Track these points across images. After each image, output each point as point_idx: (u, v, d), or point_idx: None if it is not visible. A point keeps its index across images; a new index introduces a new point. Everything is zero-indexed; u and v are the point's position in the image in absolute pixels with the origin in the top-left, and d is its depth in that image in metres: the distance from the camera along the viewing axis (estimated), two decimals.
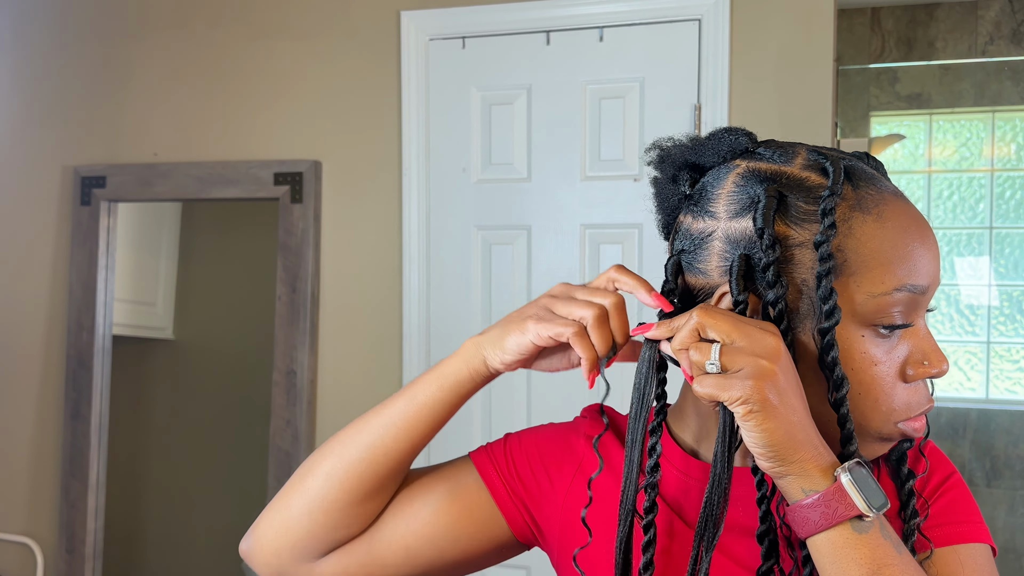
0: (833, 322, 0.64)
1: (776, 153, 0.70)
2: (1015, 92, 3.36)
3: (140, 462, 2.56)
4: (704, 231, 0.70)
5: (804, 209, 0.67)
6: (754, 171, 0.69)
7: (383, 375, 2.21)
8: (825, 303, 0.64)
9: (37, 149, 2.47)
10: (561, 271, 2.09)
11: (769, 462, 0.62)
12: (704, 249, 0.70)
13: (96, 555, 2.37)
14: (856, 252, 0.66)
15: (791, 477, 0.62)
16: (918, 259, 0.66)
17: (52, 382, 2.44)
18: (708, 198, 0.71)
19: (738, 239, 0.68)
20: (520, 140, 2.12)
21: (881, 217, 0.66)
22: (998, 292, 3.42)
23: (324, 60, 2.25)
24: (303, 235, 2.21)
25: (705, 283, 0.70)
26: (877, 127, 3.54)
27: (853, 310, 0.66)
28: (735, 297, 0.66)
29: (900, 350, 0.67)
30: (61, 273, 2.43)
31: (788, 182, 0.68)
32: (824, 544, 0.62)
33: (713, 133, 0.74)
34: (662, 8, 2.01)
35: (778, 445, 0.61)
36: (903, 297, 0.65)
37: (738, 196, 0.69)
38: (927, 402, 0.68)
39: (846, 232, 0.66)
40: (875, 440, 0.69)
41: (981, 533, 0.72)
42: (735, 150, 0.71)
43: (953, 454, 3.42)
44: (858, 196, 0.67)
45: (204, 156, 2.34)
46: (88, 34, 2.44)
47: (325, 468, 0.79)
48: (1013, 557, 3.38)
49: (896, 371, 0.67)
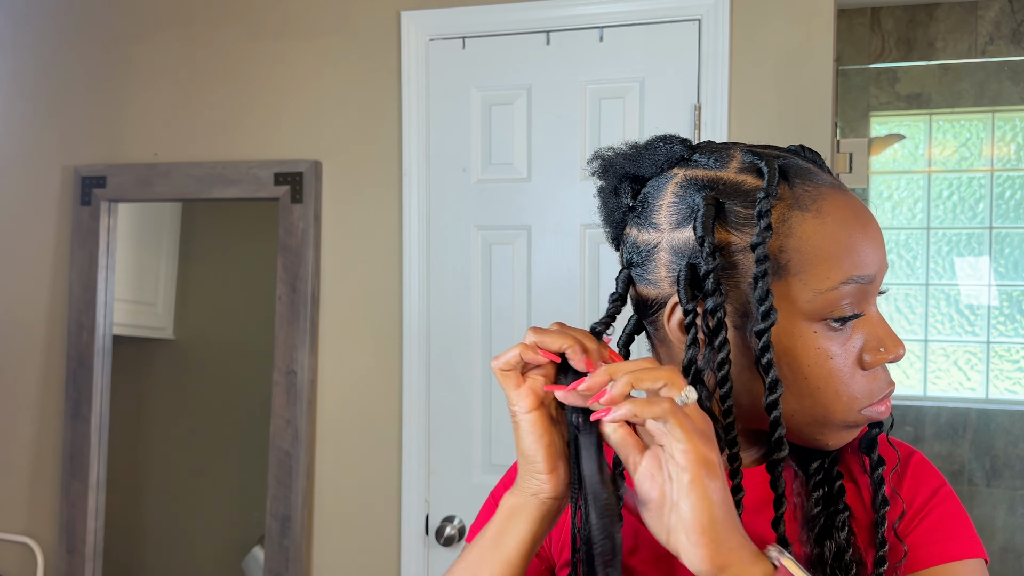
0: (769, 323, 0.64)
1: (711, 159, 0.71)
2: (1015, 92, 3.36)
3: (140, 462, 2.56)
4: (650, 243, 0.71)
5: (742, 214, 0.67)
6: (691, 179, 0.69)
7: (383, 375, 2.21)
8: (761, 304, 0.64)
9: (37, 149, 2.47)
10: (561, 271, 2.09)
11: (705, 549, 0.56)
12: (651, 261, 0.71)
13: (96, 555, 2.37)
14: (798, 251, 0.66)
15: (732, 569, 0.57)
16: (861, 250, 0.67)
17: (52, 382, 2.44)
18: (650, 210, 0.71)
19: (682, 249, 0.68)
20: (520, 140, 2.12)
21: (820, 213, 0.67)
22: (998, 292, 3.42)
23: (324, 60, 2.25)
24: (303, 235, 2.21)
25: (657, 294, 0.71)
26: (877, 127, 3.54)
27: (802, 308, 0.66)
28: (684, 307, 0.66)
29: (855, 340, 0.68)
30: (61, 273, 2.43)
31: (725, 188, 0.68)
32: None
33: (649, 142, 0.74)
34: (662, 8, 2.02)
35: (719, 520, 0.57)
36: (851, 289, 0.66)
37: (678, 206, 0.69)
38: (887, 386, 0.69)
39: (786, 232, 0.66)
40: (841, 428, 0.69)
41: (973, 548, 0.72)
42: (671, 158, 0.72)
43: (953, 454, 3.42)
44: (795, 194, 0.67)
45: (204, 156, 2.34)
46: (88, 34, 2.44)
47: None
48: (1013, 557, 3.38)
49: (853, 361, 0.67)
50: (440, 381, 2.16)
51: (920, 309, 3.47)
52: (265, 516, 2.22)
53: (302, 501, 2.18)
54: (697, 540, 0.57)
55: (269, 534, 2.21)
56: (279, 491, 2.20)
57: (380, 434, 2.20)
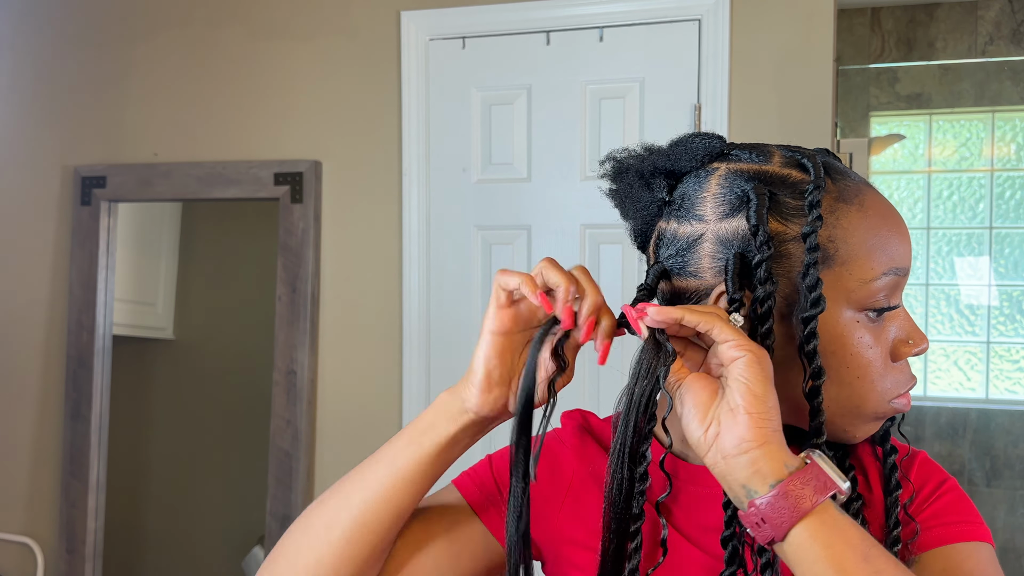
0: (818, 311, 0.65)
1: (752, 154, 0.72)
2: (1015, 92, 3.36)
3: (140, 462, 2.56)
4: (692, 234, 0.71)
5: (792, 205, 0.68)
6: (737, 172, 0.70)
7: (383, 375, 2.21)
8: (812, 292, 0.65)
9: (37, 149, 2.47)
10: None
11: (749, 429, 0.60)
12: (694, 252, 0.71)
13: (96, 555, 2.37)
14: (845, 242, 0.68)
15: (759, 463, 0.60)
16: (898, 243, 0.70)
17: (52, 382, 2.44)
18: (693, 202, 0.71)
19: (730, 239, 0.69)
20: (520, 140, 2.12)
21: (863, 207, 0.69)
22: (998, 292, 3.42)
23: (324, 60, 2.25)
24: (303, 235, 2.21)
25: (698, 285, 0.71)
26: (877, 127, 3.54)
27: (847, 298, 0.68)
28: (731, 295, 0.67)
29: (888, 333, 0.70)
30: (61, 273, 2.43)
31: (772, 179, 0.69)
32: (803, 535, 0.59)
33: (683, 139, 0.74)
34: (662, 8, 2.02)
35: (761, 411, 0.60)
36: (889, 281, 0.68)
37: (725, 197, 0.70)
38: (911, 379, 0.71)
39: (833, 223, 0.68)
40: (870, 419, 0.71)
41: (981, 532, 0.72)
42: (711, 153, 0.72)
43: (953, 454, 3.42)
44: (839, 188, 0.69)
45: (204, 156, 2.34)
46: (88, 34, 2.44)
47: (313, 553, 0.72)
48: (1013, 557, 3.39)
49: (886, 353, 0.70)
50: (440, 381, 2.16)
51: (920, 309, 3.47)
52: (265, 516, 2.22)
53: (302, 501, 2.18)
54: (746, 411, 0.60)
55: (269, 534, 2.21)
56: (279, 491, 2.20)
57: (380, 434, 2.20)
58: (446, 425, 0.72)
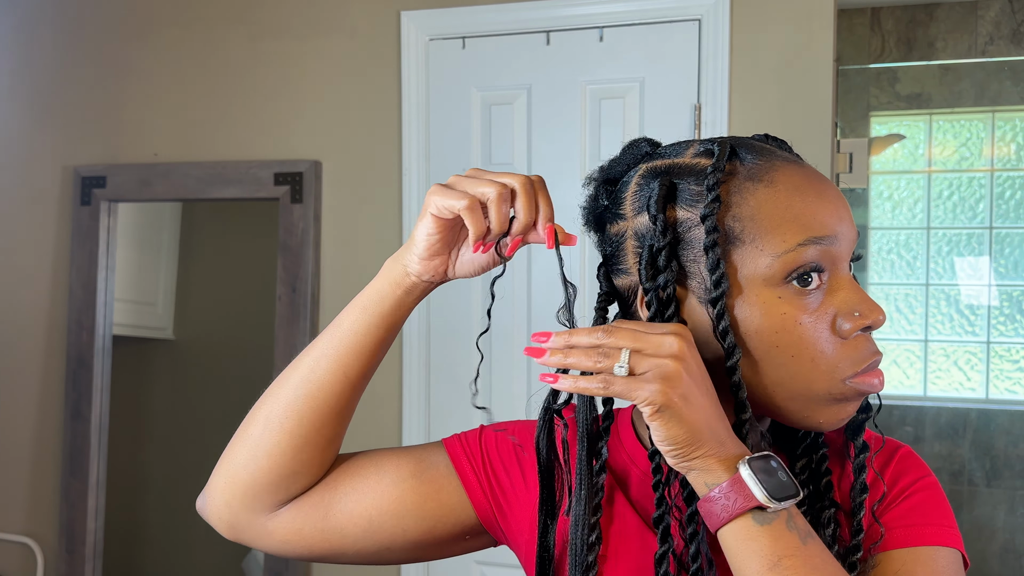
0: (720, 291, 0.66)
1: (670, 150, 0.75)
2: (1015, 92, 3.36)
3: (140, 462, 2.56)
4: (619, 233, 0.74)
5: (694, 191, 0.70)
6: (652, 169, 0.73)
7: (383, 375, 2.21)
8: (712, 273, 0.66)
9: (37, 149, 2.47)
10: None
11: (674, 458, 0.64)
12: (621, 250, 0.74)
13: (96, 555, 2.37)
14: (752, 219, 0.68)
15: (695, 472, 0.64)
16: (816, 212, 0.68)
17: (52, 382, 2.44)
18: (618, 202, 0.75)
19: (644, 233, 0.71)
20: (520, 140, 2.12)
21: (772, 183, 0.69)
22: (998, 292, 3.42)
23: (324, 60, 2.25)
24: (303, 235, 2.21)
25: (629, 282, 0.74)
26: (877, 127, 3.54)
27: (761, 274, 0.67)
28: (643, 286, 0.69)
29: (828, 307, 0.67)
30: (61, 273, 2.43)
31: (680, 171, 0.71)
32: (728, 537, 0.63)
33: (623, 148, 0.78)
34: (662, 8, 2.02)
35: (681, 442, 0.63)
36: (814, 252, 0.67)
37: (640, 194, 0.73)
38: (872, 355, 0.68)
39: (739, 202, 0.68)
40: (828, 402, 0.68)
41: (949, 537, 0.71)
42: (638, 156, 0.76)
43: (953, 454, 3.42)
44: (747, 168, 0.70)
45: (204, 156, 2.34)
46: (88, 34, 2.44)
47: (264, 412, 0.78)
48: (1013, 557, 3.38)
49: (828, 327, 0.67)
50: (440, 380, 2.16)
51: (920, 309, 3.47)
52: None
53: None
54: (664, 452, 0.65)
55: None
56: None
57: (380, 434, 2.20)
58: (392, 289, 0.76)
